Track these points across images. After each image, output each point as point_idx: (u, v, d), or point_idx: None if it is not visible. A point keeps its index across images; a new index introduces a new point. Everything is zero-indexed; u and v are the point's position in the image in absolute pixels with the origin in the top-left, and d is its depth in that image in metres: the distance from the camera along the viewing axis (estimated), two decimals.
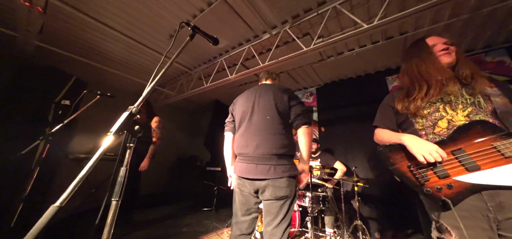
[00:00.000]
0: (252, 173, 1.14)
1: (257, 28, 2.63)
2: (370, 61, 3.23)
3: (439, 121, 0.93)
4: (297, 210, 2.45)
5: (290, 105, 1.24)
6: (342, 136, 3.57)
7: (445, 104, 0.94)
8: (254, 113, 1.26)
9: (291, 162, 1.16)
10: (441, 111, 0.94)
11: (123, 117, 0.55)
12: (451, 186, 0.81)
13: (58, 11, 2.31)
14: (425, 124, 0.97)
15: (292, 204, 1.12)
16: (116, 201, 0.51)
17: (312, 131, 1.21)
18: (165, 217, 3.46)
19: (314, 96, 4.20)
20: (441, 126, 0.92)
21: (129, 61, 3.53)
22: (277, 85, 1.39)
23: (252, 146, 1.18)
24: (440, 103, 0.95)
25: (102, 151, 0.49)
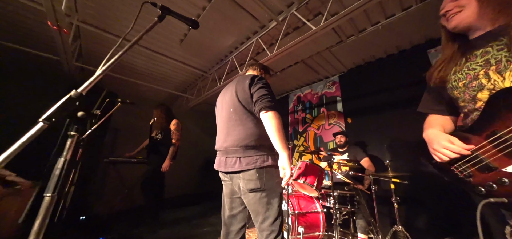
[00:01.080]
0: (223, 166, 1.15)
1: (262, 18, 2.49)
2: (403, 34, 2.69)
3: (478, 93, 0.67)
4: (321, 211, 2.18)
5: (251, 92, 1.14)
6: (374, 127, 3.08)
7: (490, 66, 0.65)
8: (223, 108, 1.27)
9: (261, 153, 1.08)
10: (480, 78, 0.67)
11: (60, 102, 0.50)
12: (503, 181, 0.58)
13: (90, 34, 2.66)
14: (465, 99, 0.73)
15: (271, 197, 1.04)
16: (50, 196, 0.45)
17: (275, 115, 1.05)
18: (192, 216, 3.59)
19: (337, 85, 3.78)
20: (482, 99, 0.67)
21: (151, 71, 3.84)
22: (248, 75, 1.27)
23: (221, 140, 1.20)
24: (482, 67, 0.67)
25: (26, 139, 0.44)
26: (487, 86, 0.65)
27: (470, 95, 0.70)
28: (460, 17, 0.71)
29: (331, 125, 3.67)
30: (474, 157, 0.66)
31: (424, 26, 2.51)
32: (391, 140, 2.83)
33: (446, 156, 0.70)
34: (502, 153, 0.59)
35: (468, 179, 0.67)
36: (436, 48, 2.67)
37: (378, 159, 2.81)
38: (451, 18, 0.73)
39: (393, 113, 2.90)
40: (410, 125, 2.59)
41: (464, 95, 0.72)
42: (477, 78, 0.68)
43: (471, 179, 0.67)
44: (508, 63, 0.61)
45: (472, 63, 0.70)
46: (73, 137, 0.53)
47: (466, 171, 0.68)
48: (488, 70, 0.65)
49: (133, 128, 4.22)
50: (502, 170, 0.59)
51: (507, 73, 0.61)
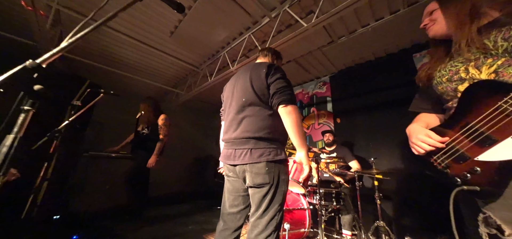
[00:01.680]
0: (231, 158, 1.07)
1: (255, 13, 2.47)
2: (391, 37, 2.77)
3: (459, 86, 0.73)
4: (307, 208, 2.18)
5: (268, 83, 1.07)
6: (362, 127, 3.15)
7: (468, 63, 0.71)
8: (233, 97, 1.18)
9: (273, 146, 1.01)
10: (461, 73, 0.72)
11: (12, 71, 0.45)
12: (475, 170, 0.62)
13: (72, 19, 2.50)
14: (448, 93, 0.78)
15: (277, 193, 0.97)
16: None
17: (295, 110, 1.01)
18: (177, 214, 3.49)
19: (328, 85, 3.83)
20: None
21: (141, 64, 3.71)
22: (262, 62, 1.21)
23: (231, 131, 1.11)
24: (463, 64, 0.72)
25: None
26: (466, 79, 0.70)
27: (452, 88, 0.75)
28: (434, 29, 0.82)
29: (321, 124, 3.71)
30: (451, 149, 0.69)
31: (410, 31, 2.60)
32: (376, 140, 2.91)
33: (422, 149, 0.74)
34: (473, 142, 0.63)
35: (445, 170, 0.71)
36: (421, 52, 2.77)
37: (364, 160, 2.88)
38: (428, 30, 0.85)
39: (380, 114, 2.98)
40: (396, 125, 2.68)
41: (448, 89, 0.77)
42: (458, 73, 0.73)
43: (448, 170, 0.70)
44: (485, 59, 0.66)
45: (454, 61, 0.76)
46: (27, 113, 0.47)
47: (444, 162, 0.71)
48: (468, 66, 0.70)
49: (118, 122, 4.05)
50: (475, 159, 0.63)
51: (483, 67, 0.66)
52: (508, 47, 0.62)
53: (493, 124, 0.59)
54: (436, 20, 0.81)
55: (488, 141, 0.60)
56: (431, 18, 0.83)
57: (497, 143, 0.58)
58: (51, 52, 0.53)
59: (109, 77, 3.94)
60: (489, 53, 0.65)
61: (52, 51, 0.53)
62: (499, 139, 0.58)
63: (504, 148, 0.57)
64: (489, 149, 0.60)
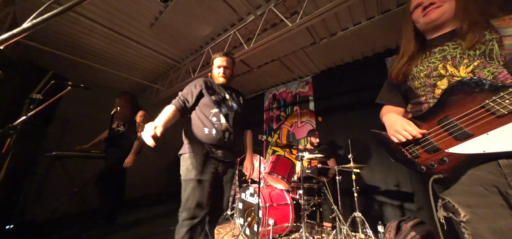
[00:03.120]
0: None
1: (240, 10, 2.45)
2: (367, 41, 2.99)
3: (438, 82, 0.77)
4: (290, 203, 2.25)
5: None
6: (341, 125, 3.34)
7: (447, 61, 0.76)
8: None
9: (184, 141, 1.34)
10: (439, 69, 0.77)
11: None
12: (444, 160, 0.69)
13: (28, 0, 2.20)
14: (426, 89, 0.82)
15: (183, 183, 1.22)
16: None
17: (168, 106, 1.29)
18: (157, 216, 3.32)
19: (310, 85, 3.98)
20: (441, 88, 0.76)
21: (115, 56, 3.42)
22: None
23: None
24: (440, 62, 0.77)
25: None
26: (446, 75, 0.75)
27: (430, 84, 0.79)
28: (442, 10, 0.76)
29: (303, 123, 3.85)
30: (424, 140, 0.75)
31: (383, 36, 2.83)
32: (354, 138, 3.11)
33: (404, 137, 0.78)
34: (450, 136, 0.68)
35: (414, 159, 0.77)
36: (392, 57, 3.04)
37: (343, 156, 3.07)
38: (432, 11, 0.78)
39: (357, 113, 3.20)
40: (371, 123, 2.90)
41: (425, 84, 0.81)
42: (436, 69, 0.78)
43: (417, 159, 0.77)
44: (461, 59, 0.73)
45: (432, 57, 0.80)
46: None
47: (414, 152, 0.78)
48: (445, 64, 0.75)
49: (87, 118, 3.68)
50: (445, 151, 0.69)
51: (460, 67, 0.72)
52: (485, 50, 0.68)
53: (474, 121, 0.63)
54: (446, 2, 0.76)
55: (463, 136, 0.65)
56: (433, 0, 0.78)
57: (471, 138, 0.64)
58: (10, 32, 0.46)
59: (77, 69, 3.56)
60: (467, 54, 0.71)
61: (11, 32, 0.46)
62: (474, 135, 0.63)
63: (476, 143, 0.63)
64: (462, 143, 0.65)
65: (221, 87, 1.47)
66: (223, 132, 1.29)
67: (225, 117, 1.32)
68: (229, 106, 1.39)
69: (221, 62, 1.43)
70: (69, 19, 2.59)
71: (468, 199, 0.63)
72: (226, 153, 1.31)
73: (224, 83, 1.46)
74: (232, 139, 1.33)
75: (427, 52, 0.82)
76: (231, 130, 1.32)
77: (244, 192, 2.31)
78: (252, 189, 2.19)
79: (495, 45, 0.68)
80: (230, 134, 1.32)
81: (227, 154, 1.32)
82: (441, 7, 0.76)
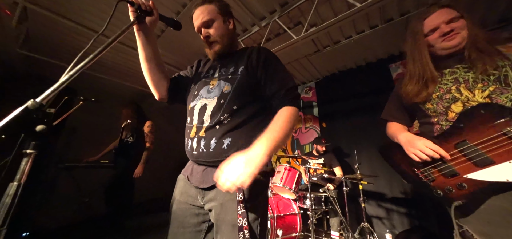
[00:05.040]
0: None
1: (244, 21, 2.48)
2: (370, 48, 3.01)
3: (452, 105, 0.76)
4: (297, 213, 2.27)
5: None
6: (345, 131, 3.37)
7: (459, 84, 0.75)
8: None
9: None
10: (453, 92, 0.76)
11: (13, 114, 0.41)
12: (462, 186, 0.66)
13: (40, 17, 2.25)
14: (437, 110, 0.81)
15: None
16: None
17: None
18: (163, 223, 3.35)
19: (314, 90, 4.00)
20: (454, 111, 0.76)
21: (118, 65, 3.47)
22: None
23: None
24: (453, 84, 0.77)
25: None
26: (461, 98, 0.74)
27: (443, 106, 0.78)
28: (461, 37, 0.77)
29: (307, 128, 3.87)
30: (441, 163, 0.73)
31: (386, 43, 2.85)
32: (359, 144, 3.12)
33: (426, 155, 0.75)
34: (470, 161, 0.66)
35: (430, 182, 0.76)
36: (396, 63, 3.06)
37: (348, 164, 3.08)
38: (453, 37, 0.77)
39: (361, 119, 3.21)
40: (373, 129, 2.93)
41: (437, 106, 0.80)
42: (449, 91, 0.78)
43: (432, 183, 0.75)
44: (475, 83, 0.73)
45: (443, 79, 0.81)
46: (29, 156, 0.44)
47: (430, 175, 0.76)
48: (459, 87, 0.76)
49: (94, 127, 3.73)
50: (464, 176, 0.67)
51: (475, 91, 0.73)
52: (500, 75, 0.68)
53: (495, 147, 0.61)
54: (463, 28, 0.77)
55: (484, 162, 0.63)
56: (457, 26, 0.78)
57: (492, 165, 0.62)
58: (52, 88, 0.50)
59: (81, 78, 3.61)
60: (481, 78, 0.71)
61: (52, 87, 0.51)
62: (495, 162, 0.61)
63: (498, 171, 0.61)
64: (482, 170, 0.63)
65: (214, 62, 0.93)
66: (191, 140, 0.79)
67: (198, 114, 0.80)
68: (208, 89, 0.83)
69: (198, 18, 0.86)
70: (76, 32, 2.63)
71: (487, 229, 0.61)
72: (203, 172, 0.77)
73: (218, 53, 0.86)
74: (210, 148, 0.73)
75: (438, 73, 0.82)
76: (202, 133, 0.76)
77: None
78: None
79: (509, 71, 0.69)
80: (200, 140, 0.75)
81: (204, 173, 0.76)
82: (460, 34, 0.77)
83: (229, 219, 0.67)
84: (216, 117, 0.75)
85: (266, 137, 0.65)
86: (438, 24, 0.81)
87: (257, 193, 0.72)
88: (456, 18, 0.79)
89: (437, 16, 0.82)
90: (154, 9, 0.81)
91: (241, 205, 0.65)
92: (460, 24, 0.78)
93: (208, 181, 0.73)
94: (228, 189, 0.58)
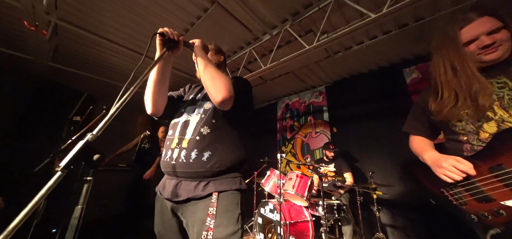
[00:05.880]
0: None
1: (256, 30, 2.54)
2: (383, 53, 2.96)
3: (484, 124, 0.71)
4: (310, 220, 2.28)
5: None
6: (357, 136, 3.32)
7: (493, 101, 0.70)
8: None
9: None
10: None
11: (77, 148, 0.49)
12: (500, 213, 0.61)
13: (68, 32, 2.44)
14: (466, 128, 0.76)
15: None
16: None
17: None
18: None
19: (324, 95, 3.98)
20: (487, 131, 0.70)
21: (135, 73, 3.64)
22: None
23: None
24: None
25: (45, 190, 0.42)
26: (494, 118, 0.69)
27: (474, 125, 0.73)
28: (503, 50, 0.70)
29: (318, 133, 3.86)
30: (473, 186, 0.68)
31: (400, 48, 2.80)
32: (372, 151, 3.07)
33: (455, 174, 0.69)
34: (507, 188, 0.61)
35: (462, 206, 0.70)
36: (410, 67, 2.99)
37: (360, 170, 3.04)
38: (494, 50, 0.71)
39: (373, 124, 3.15)
40: (386, 135, 2.87)
41: (467, 124, 0.74)
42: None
43: (464, 206, 0.70)
44: (510, 101, 0.67)
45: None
46: (89, 183, 0.51)
47: (461, 199, 0.71)
48: (492, 104, 0.69)
49: (110, 129, 3.93)
50: (501, 203, 0.62)
51: (511, 110, 0.67)
52: None
53: None
54: (507, 40, 0.70)
55: None
56: (495, 38, 0.70)
57: None
58: (103, 121, 0.57)
59: (101, 85, 3.83)
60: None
61: (103, 121, 0.57)
62: None
63: None
64: None
65: (201, 85, 1.03)
66: (171, 150, 0.84)
67: (182, 127, 0.88)
68: (193, 108, 0.93)
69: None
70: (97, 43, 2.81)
71: None
72: (176, 186, 0.80)
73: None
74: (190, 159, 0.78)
75: (460, 103, 0.75)
76: (184, 144, 0.81)
77: (263, 207, 2.38)
78: (271, 205, 2.25)
79: None
80: (181, 151, 0.81)
81: (177, 187, 0.80)
82: (502, 46, 0.70)
83: (197, 231, 0.71)
84: (197, 129, 0.84)
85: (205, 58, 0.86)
86: (477, 35, 0.72)
87: (230, 208, 0.75)
88: (498, 29, 0.70)
89: (477, 26, 0.73)
90: (180, 40, 0.88)
91: (210, 218, 0.70)
92: (503, 36, 0.70)
93: (181, 195, 0.77)
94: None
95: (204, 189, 0.75)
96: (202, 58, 0.86)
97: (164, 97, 0.94)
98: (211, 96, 0.79)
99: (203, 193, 0.74)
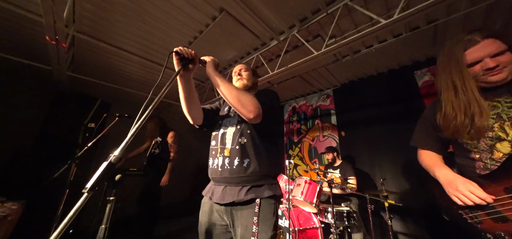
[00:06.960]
0: None
1: (263, 36, 2.56)
2: (392, 56, 2.89)
3: (497, 144, 0.71)
4: (319, 227, 2.25)
5: None
6: (366, 140, 3.25)
7: (503, 121, 0.70)
8: None
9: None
10: (496, 130, 0.71)
11: (101, 169, 0.52)
12: None
13: (84, 42, 2.56)
14: (479, 147, 0.75)
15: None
16: None
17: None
18: (187, 229, 3.53)
19: (332, 98, 3.93)
20: (501, 151, 0.70)
21: (147, 80, 3.76)
22: None
23: None
24: (495, 120, 0.72)
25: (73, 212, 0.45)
26: (507, 139, 0.69)
27: (486, 144, 0.73)
28: (507, 72, 0.71)
29: (325, 137, 3.81)
30: (489, 206, 0.68)
31: (411, 50, 2.72)
32: (382, 155, 2.99)
33: (470, 200, 0.69)
34: None
35: (477, 225, 0.70)
36: (421, 70, 2.90)
37: (369, 176, 2.97)
38: (499, 72, 0.72)
39: (383, 128, 3.08)
40: (397, 140, 2.79)
41: (479, 143, 0.75)
42: (492, 129, 0.72)
43: (480, 225, 0.69)
44: None
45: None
46: (112, 202, 0.54)
47: (476, 218, 0.70)
48: (502, 124, 0.70)
49: (121, 134, 4.09)
50: None
51: None
52: None
53: None
54: (509, 63, 0.71)
55: None
56: (499, 61, 0.71)
57: None
58: (125, 141, 0.60)
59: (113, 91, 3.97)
60: None
61: (124, 142, 0.60)
62: None
63: None
64: None
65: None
66: (217, 159, 0.99)
67: (221, 137, 1.02)
68: (229, 120, 1.06)
69: (238, 68, 1.16)
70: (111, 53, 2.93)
71: None
72: (223, 190, 0.93)
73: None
74: (233, 166, 0.92)
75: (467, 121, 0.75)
76: (227, 153, 0.95)
77: None
78: (280, 211, 2.25)
79: None
80: (225, 159, 0.95)
81: (224, 191, 0.92)
82: (507, 69, 0.71)
83: (241, 233, 0.85)
84: (235, 140, 0.96)
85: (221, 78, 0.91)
86: (481, 57, 0.73)
87: (268, 217, 0.88)
88: (502, 52, 0.71)
89: (481, 48, 0.74)
90: (196, 57, 0.92)
91: (255, 226, 0.84)
92: (507, 59, 0.71)
93: (227, 199, 0.89)
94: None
95: (247, 194, 0.88)
96: (213, 75, 0.92)
97: (197, 109, 1.04)
98: (243, 115, 0.88)
99: (245, 198, 0.87)
